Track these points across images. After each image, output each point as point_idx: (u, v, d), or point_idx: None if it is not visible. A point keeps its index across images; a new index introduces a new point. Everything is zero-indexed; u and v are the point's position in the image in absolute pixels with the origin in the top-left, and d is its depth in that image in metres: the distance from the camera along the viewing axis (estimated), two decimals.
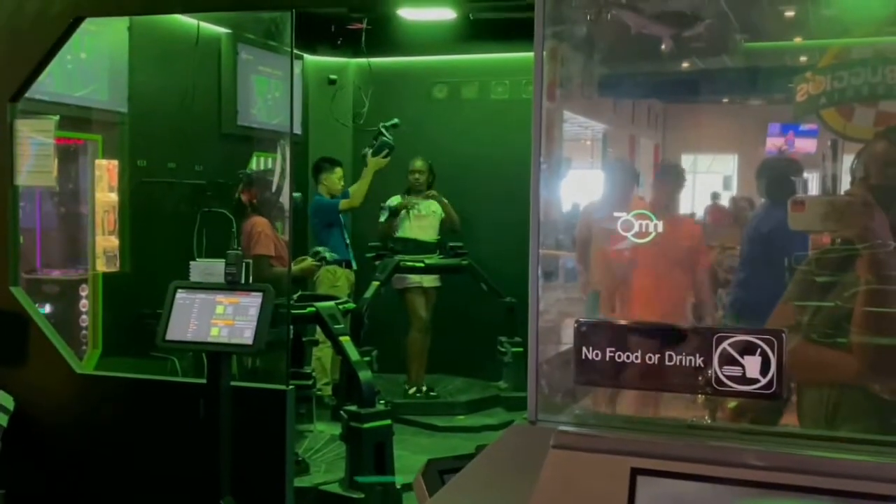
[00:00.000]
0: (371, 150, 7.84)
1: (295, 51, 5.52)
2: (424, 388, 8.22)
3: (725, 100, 3.82)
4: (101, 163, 6.84)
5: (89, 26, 5.92)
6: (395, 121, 7.95)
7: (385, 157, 7.82)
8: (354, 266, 8.12)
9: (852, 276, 2.75)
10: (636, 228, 2.38)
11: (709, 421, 2.41)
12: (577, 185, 2.89)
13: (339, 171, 8.11)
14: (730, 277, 3.82)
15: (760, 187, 3.78)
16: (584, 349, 2.07)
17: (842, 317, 2.75)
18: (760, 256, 3.71)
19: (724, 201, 3.91)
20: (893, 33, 3.10)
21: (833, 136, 3.29)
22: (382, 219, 8.20)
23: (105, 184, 6.83)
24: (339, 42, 9.18)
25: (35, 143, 5.35)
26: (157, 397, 5.23)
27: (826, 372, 2.85)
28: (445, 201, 8.24)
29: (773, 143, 3.66)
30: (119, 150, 6.97)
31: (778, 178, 3.67)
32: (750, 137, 3.79)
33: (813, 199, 3.12)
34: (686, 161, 3.97)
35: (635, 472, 1.91)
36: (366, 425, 5.59)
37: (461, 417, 7.94)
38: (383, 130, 7.87)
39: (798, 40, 3.41)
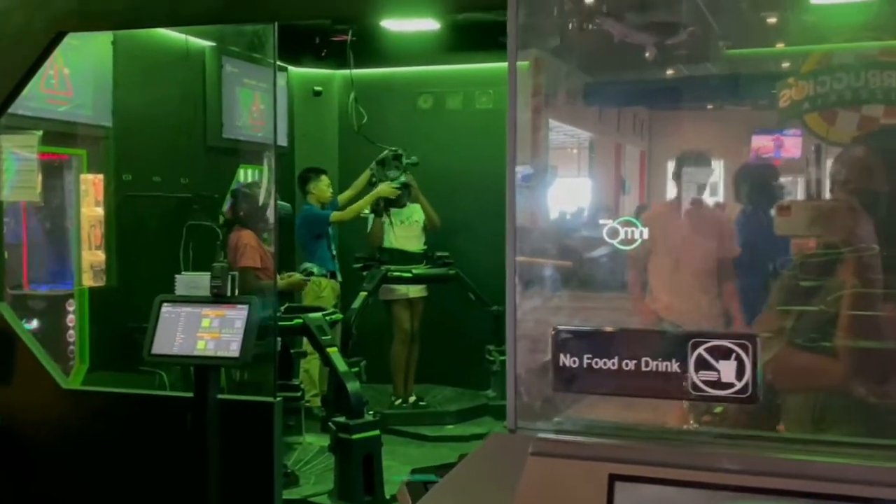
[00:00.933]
0: (391, 182, 7.92)
1: (279, 63, 5.53)
2: (412, 399, 8.21)
3: (710, 106, 3.83)
4: (87, 177, 6.82)
5: (72, 41, 5.91)
6: (415, 159, 8.04)
7: (397, 190, 7.94)
8: (339, 277, 8.11)
9: (837, 280, 2.76)
10: None
11: (694, 425, 2.41)
12: (559, 194, 2.89)
13: (325, 178, 8.09)
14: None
15: (744, 193, 3.79)
16: (561, 356, 2.07)
17: (827, 321, 2.75)
18: (746, 262, 3.72)
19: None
20: (875, 38, 3.12)
21: (817, 141, 3.31)
22: (369, 227, 8.19)
23: (91, 198, 6.82)
24: (323, 54, 9.18)
25: (19, 159, 5.34)
26: (144, 411, 5.21)
27: (811, 376, 2.85)
28: (423, 198, 8.22)
29: (757, 148, 3.67)
30: (104, 165, 6.96)
31: (761, 183, 3.68)
32: (734, 143, 3.80)
33: (798, 204, 3.14)
34: (672, 167, 3.97)
35: (613, 478, 1.91)
36: (354, 436, 5.59)
37: (450, 427, 7.94)
38: (407, 173, 7.97)
39: (780, 46, 3.43)
